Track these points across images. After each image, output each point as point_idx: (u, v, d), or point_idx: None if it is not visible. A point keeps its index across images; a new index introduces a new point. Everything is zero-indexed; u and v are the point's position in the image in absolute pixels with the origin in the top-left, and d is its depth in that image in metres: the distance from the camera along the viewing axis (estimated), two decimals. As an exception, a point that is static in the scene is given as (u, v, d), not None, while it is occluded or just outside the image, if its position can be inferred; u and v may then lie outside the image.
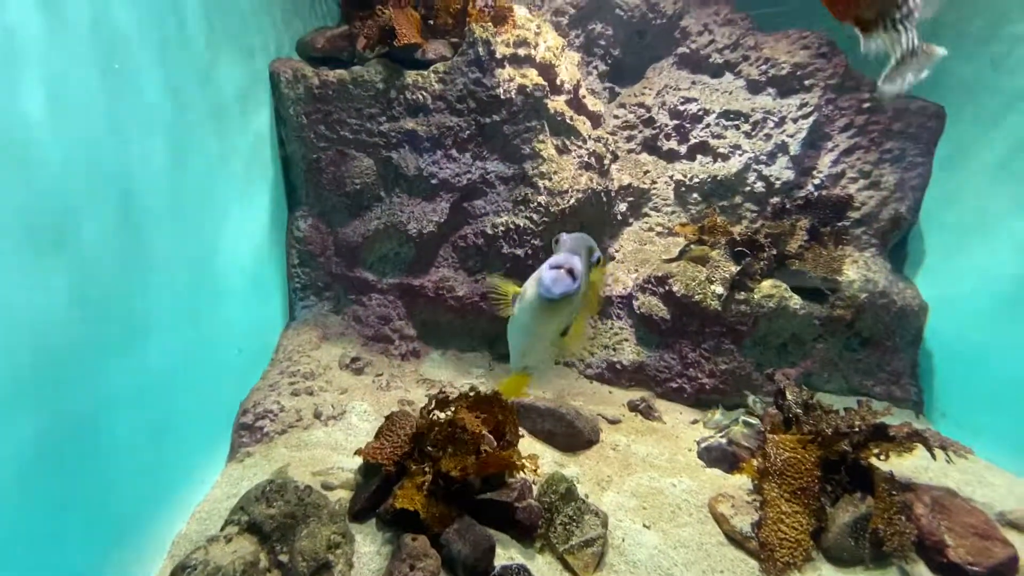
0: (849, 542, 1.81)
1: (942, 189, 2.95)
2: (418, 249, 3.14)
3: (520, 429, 2.50)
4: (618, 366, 3.25)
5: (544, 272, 1.25)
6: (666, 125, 3.78)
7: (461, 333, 3.46)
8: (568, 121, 3.14)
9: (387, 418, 1.98)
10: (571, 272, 1.22)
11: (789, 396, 2.40)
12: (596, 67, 4.12)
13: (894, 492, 1.80)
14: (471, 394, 2.11)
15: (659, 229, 3.77)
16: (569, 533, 1.83)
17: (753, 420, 2.41)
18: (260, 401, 2.35)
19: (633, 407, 2.97)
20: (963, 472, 2.20)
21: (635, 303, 3.27)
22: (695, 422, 2.83)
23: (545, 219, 3.10)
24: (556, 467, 2.37)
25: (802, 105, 3.31)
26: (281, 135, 2.92)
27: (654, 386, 3.16)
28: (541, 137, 3.05)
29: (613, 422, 2.82)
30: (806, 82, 3.32)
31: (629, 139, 3.94)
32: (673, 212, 3.74)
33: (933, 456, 1.89)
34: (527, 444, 2.50)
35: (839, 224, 3.09)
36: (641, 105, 3.89)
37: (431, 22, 2.98)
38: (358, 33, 2.81)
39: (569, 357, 3.41)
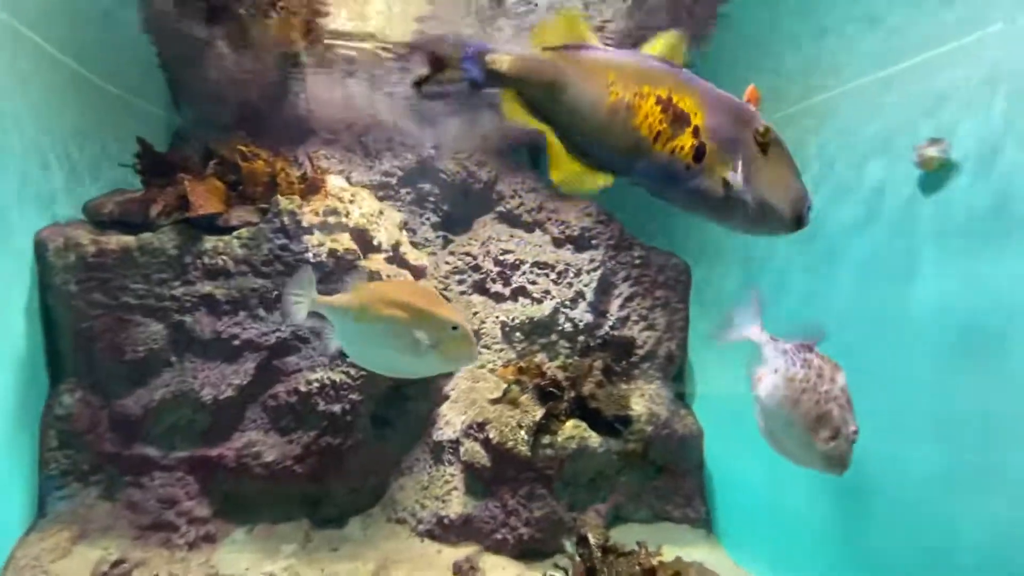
0: None
1: (701, 328, 3.61)
2: (216, 416, 2.87)
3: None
4: (446, 520, 3.14)
5: None
6: (491, 271, 4.17)
7: (273, 502, 3.12)
8: (385, 277, 3.32)
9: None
10: None
11: (592, 541, 2.50)
12: (429, 218, 4.51)
13: (662, 646, 1.90)
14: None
15: (490, 367, 3.97)
16: None
17: (559, 574, 2.43)
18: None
19: (457, 569, 2.83)
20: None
21: (461, 449, 3.29)
22: (516, 578, 2.77)
23: (362, 372, 3.09)
24: (352, 673, 2.10)
25: (592, 260, 3.93)
26: (48, 303, 2.62)
27: (481, 539, 3.08)
28: (356, 294, 3.15)
29: (431, 594, 2.64)
30: (592, 241, 3.98)
31: (461, 282, 4.25)
32: (501, 350, 3.99)
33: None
34: (322, 647, 2.20)
35: (630, 360, 3.56)
36: (468, 254, 4.28)
37: (241, 187, 3.06)
38: (154, 199, 2.77)
39: None
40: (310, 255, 2.94)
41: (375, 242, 3.35)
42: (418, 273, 3.81)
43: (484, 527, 3.07)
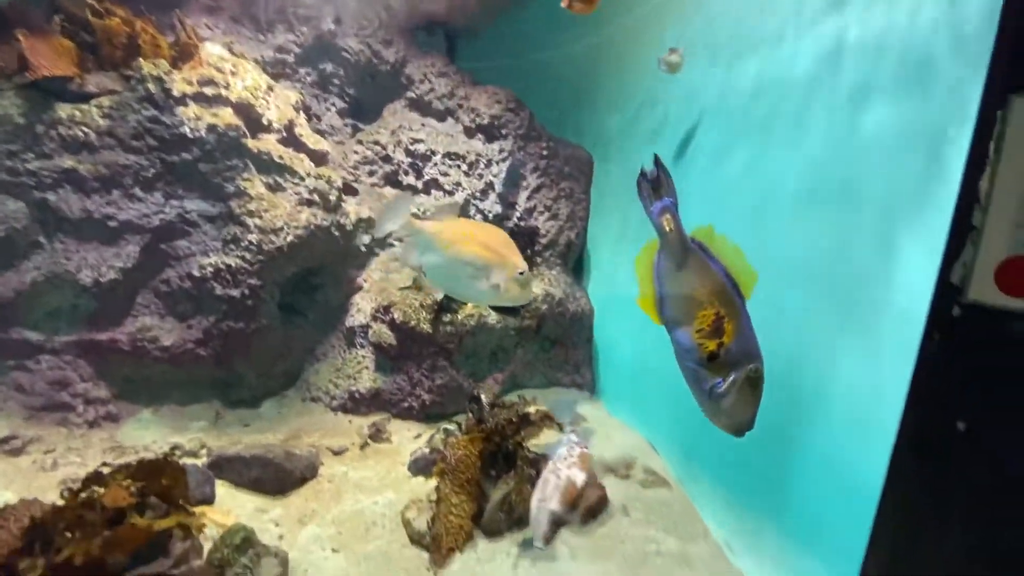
0: (499, 516, 2.19)
1: (598, 218, 3.81)
2: (101, 300, 2.78)
3: (222, 483, 2.41)
4: (357, 395, 3.36)
5: None
6: (402, 162, 4.08)
7: (181, 384, 3.16)
8: (278, 160, 3.17)
9: (-4, 510, 1.71)
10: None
11: (484, 399, 2.80)
12: (334, 104, 4.23)
13: (526, 467, 2.25)
14: (134, 462, 1.96)
15: (402, 258, 4.02)
16: (240, 581, 1.82)
17: (452, 426, 2.73)
18: None
19: (363, 432, 3.09)
20: (598, 436, 2.87)
21: (369, 332, 3.43)
22: (418, 436, 3.09)
23: (260, 257, 3.05)
24: (258, 514, 2.33)
25: (501, 150, 3.93)
26: None
27: (390, 408, 3.34)
28: (247, 175, 3.02)
29: (338, 453, 2.90)
30: (502, 131, 3.95)
31: (371, 174, 4.13)
32: (413, 242, 4.03)
33: (561, 431, 2.42)
34: (229, 497, 2.41)
35: (535, 249, 3.75)
36: (377, 143, 4.12)
37: (98, 51, 2.71)
38: (-15, 57, 2.41)
39: None
40: (186, 129, 2.73)
41: (264, 120, 3.14)
42: (318, 159, 3.66)
43: (392, 398, 3.32)
